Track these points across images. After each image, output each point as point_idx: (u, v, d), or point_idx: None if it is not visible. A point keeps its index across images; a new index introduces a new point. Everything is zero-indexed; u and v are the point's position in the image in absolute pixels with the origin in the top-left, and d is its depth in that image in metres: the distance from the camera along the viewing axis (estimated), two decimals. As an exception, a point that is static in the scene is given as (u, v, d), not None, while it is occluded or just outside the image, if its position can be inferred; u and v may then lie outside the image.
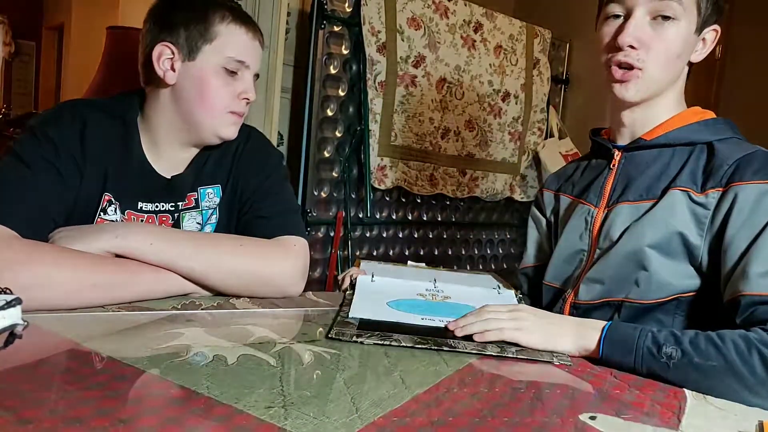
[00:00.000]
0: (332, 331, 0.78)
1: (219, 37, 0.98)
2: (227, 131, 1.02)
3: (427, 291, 1.01)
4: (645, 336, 0.75)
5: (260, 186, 1.06)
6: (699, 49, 0.92)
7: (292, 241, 1.00)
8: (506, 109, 2.84)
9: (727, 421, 0.63)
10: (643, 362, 0.74)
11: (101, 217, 0.96)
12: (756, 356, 0.69)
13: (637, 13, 0.87)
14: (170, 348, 0.67)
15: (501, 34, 2.77)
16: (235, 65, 1.00)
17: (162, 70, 0.98)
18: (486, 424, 0.55)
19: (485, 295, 1.03)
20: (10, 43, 4.30)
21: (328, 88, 2.28)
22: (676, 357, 0.73)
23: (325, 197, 2.32)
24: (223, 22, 0.98)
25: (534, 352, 0.79)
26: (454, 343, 0.78)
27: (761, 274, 0.75)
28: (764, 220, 0.78)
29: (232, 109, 1.01)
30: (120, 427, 0.47)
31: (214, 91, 0.99)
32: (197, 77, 0.98)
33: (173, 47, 0.97)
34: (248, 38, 1.01)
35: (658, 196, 0.89)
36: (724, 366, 0.70)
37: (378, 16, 2.32)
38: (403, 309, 0.91)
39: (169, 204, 1.03)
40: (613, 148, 0.98)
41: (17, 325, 0.61)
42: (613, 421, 0.59)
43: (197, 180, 1.05)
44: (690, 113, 0.94)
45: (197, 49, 0.97)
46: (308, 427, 0.50)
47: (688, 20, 0.88)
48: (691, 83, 0.98)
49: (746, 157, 0.83)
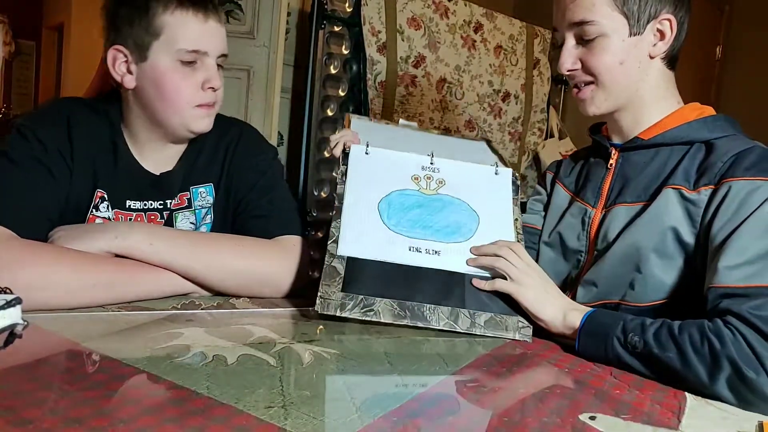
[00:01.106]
0: (318, 302, 0.81)
1: (165, 30, 0.91)
2: (198, 125, 0.98)
3: (423, 171, 0.99)
4: (617, 324, 0.77)
5: (255, 184, 1.05)
6: (656, 42, 0.91)
7: (291, 241, 0.99)
8: (506, 109, 2.84)
9: (727, 422, 0.63)
10: (612, 350, 0.76)
11: (93, 214, 0.96)
12: (707, 347, 0.69)
13: (566, 42, 0.93)
14: (170, 348, 0.67)
15: (501, 34, 2.77)
16: (191, 56, 0.93)
17: (119, 75, 0.94)
18: (486, 424, 0.55)
19: (482, 176, 1.01)
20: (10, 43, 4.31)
21: (328, 88, 2.28)
22: (639, 347, 0.74)
23: (325, 197, 2.32)
24: (167, 12, 0.91)
25: (499, 329, 0.84)
26: (429, 318, 0.83)
27: (729, 266, 0.75)
28: (744, 216, 0.77)
29: (198, 102, 0.96)
30: (120, 427, 0.47)
31: (173, 87, 0.94)
32: (153, 78, 0.93)
33: (124, 50, 0.93)
34: (199, 22, 0.93)
35: (653, 196, 0.89)
36: (679, 358, 0.71)
37: (378, 16, 2.32)
38: (393, 223, 0.91)
39: (158, 202, 1.02)
40: (611, 147, 0.98)
41: (17, 325, 0.61)
42: (613, 421, 0.59)
43: (188, 179, 1.04)
44: (688, 110, 0.93)
45: (146, 47, 0.92)
46: (308, 427, 0.50)
47: (616, 30, 0.89)
48: (691, 83, 0.98)
49: (741, 153, 0.83)
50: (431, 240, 0.91)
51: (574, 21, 0.90)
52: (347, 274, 0.85)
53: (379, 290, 0.84)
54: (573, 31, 0.92)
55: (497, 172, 1.03)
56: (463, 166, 1.02)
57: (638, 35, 0.89)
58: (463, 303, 0.85)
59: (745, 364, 0.67)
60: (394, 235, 0.90)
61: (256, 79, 2.11)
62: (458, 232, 0.93)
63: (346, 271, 0.85)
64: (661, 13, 0.89)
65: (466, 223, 0.95)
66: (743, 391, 0.67)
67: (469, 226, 0.94)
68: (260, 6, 2.10)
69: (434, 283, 0.87)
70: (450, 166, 1.01)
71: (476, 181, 1.00)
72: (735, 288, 0.73)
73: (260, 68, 2.11)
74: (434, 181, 0.99)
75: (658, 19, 0.89)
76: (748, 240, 0.76)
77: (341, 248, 0.87)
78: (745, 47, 3.33)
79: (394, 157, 1.00)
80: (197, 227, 1.05)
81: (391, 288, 0.84)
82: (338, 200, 0.93)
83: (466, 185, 0.99)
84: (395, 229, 0.91)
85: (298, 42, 2.36)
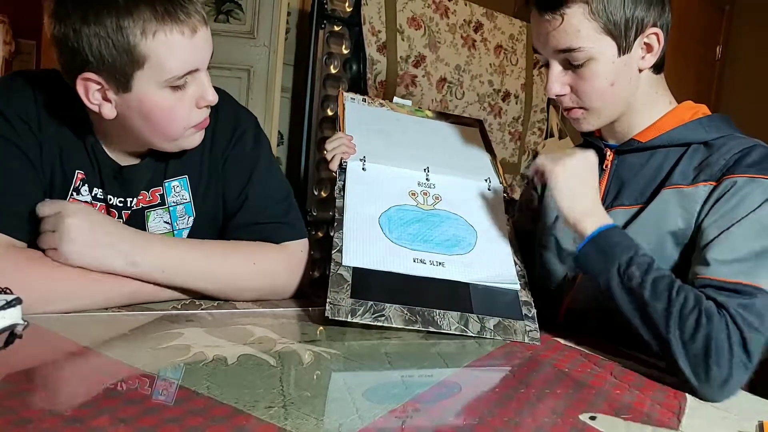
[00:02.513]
0: (327, 308, 0.80)
1: (150, 58, 0.76)
2: (192, 141, 0.89)
3: (420, 187, 1.01)
4: (628, 251, 0.78)
5: (247, 180, 0.96)
6: (645, 55, 0.88)
7: (298, 247, 0.97)
8: (506, 108, 2.84)
9: (727, 421, 0.63)
10: (607, 273, 0.78)
11: (74, 197, 0.88)
12: (694, 317, 0.71)
13: (552, 66, 0.89)
14: (170, 348, 0.67)
15: (501, 33, 2.77)
16: (182, 80, 0.80)
17: (95, 104, 0.80)
18: (486, 424, 0.55)
19: (476, 191, 1.04)
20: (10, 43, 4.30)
21: (328, 87, 2.28)
22: (634, 283, 0.75)
23: (325, 197, 2.32)
24: (146, 37, 0.75)
25: (508, 332, 0.84)
26: (440, 322, 0.82)
27: (721, 260, 0.76)
28: (742, 214, 0.78)
29: (193, 123, 0.85)
30: (120, 426, 0.47)
31: (166, 115, 0.82)
32: (140, 108, 0.80)
33: (98, 77, 0.77)
34: (186, 39, 0.78)
35: (650, 198, 0.88)
36: (663, 313, 0.73)
37: (378, 16, 2.32)
38: (395, 237, 0.92)
39: (118, 199, 0.91)
40: (605, 148, 0.97)
41: (17, 325, 0.61)
42: (613, 421, 0.59)
43: (158, 173, 0.93)
44: (683, 110, 0.93)
45: (128, 77, 0.77)
46: (308, 427, 0.50)
47: (603, 52, 0.85)
48: (691, 83, 0.98)
49: (744, 150, 0.83)
50: (434, 252, 0.92)
51: (559, 48, 0.86)
52: (355, 282, 0.84)
53: (388, 297, 0.83)
54: (559, 57, 0.88)
55: (490, 187, 1.06)
56: (457, 182, 1.04)
57: (627, 54, 0.86)
58: (471, 308, 0.85)
59: (716, 352, 0.69)
60: (397, 248, 0.90)
61: (256, 78, 2.11)
62: (458, 246, 0.94)
63: (354, 279, 0.84)
64: (647, 27, 0.86)
65: (465, 237, 0.96)
66: (698, 371, 0.69)
67: (468, 239, 0.96)
68: (260, 6, 2.10)
69: (441, 291, 0.87)
70: (445, 182, 1.03)
71: (471, 196, 1.03)
72: (724, 282, 0.74)
73: (260, 68, 2.11)
74: (431, 197, 1.00)
75: (645, 33, 0.86)
76: (743, 237, 0.76)
77: (346, 259, 0.87)
78: (745, 47, 3.32)
79: (390, 173, 1.02)
80: (172, 225, 0.96)
81: (400, 295, 0.84)
82: (338, 213, 0.94)
83: (461, 200, 1.01)
84: (398, 242, 0.91)
85: (298, 42, 2.35)
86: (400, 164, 1.03)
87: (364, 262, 0.87)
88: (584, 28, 0.84)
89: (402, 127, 1.14)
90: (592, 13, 0.83)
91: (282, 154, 2.36)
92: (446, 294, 0.87)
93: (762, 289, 0.72)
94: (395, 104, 1.20)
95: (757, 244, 0.75)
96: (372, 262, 0.87)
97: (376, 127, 1.11)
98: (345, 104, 1.13)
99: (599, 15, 0.83)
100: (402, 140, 1.10)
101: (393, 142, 1.09)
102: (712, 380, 0.68)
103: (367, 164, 1.01)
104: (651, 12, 0.85)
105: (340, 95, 1.15)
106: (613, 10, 0.83)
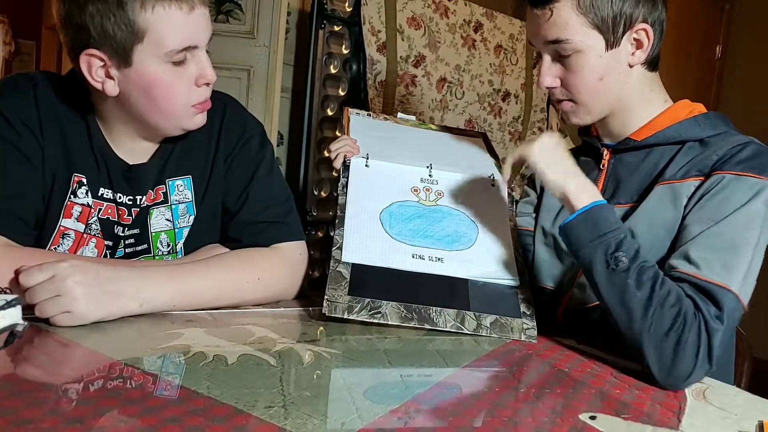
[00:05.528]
0: (325, 305, 0.80)
1: (149, 32, 0.80)
2: (194, 122, 0.90)
3: (422, 183, 1.02)
4: (618, 233, 0.78)
5: (249, 181, 0.98)
6: (635, 51, 0.89)
7: (297, 250, 0.98)
8: (506, 108, 2.84)
9: (727, 421, 0.63)
10: (593, 249, 0.78)
11: (72, 200, 0.89)
12: (673, 313, 0.72)
13: (543, 59, 0.92)
14: (170, 348, 0.67)
15: (501, 33, 2.77)
16: (181, 55, 0.83)
17: (98, 82, 0.83)
18: (486, 424, 0.55)
19: (479, 186, 1.04)
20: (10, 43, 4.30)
21: (328, 87, 2.28)
22: (620, 268, 0.76)
23: (325, 197, 2.32)
24: (146, 10, 0.78)
25: (505, 330, 0.84)
26: (436, 320, 0.83)
27: (699, 257, 0.77)
28: (725, 212, 0.78)
29: (193, 102, 0.87)
30: (120, 426, 0.47)
31: (165, 91, 0.84)
32: (140, 85, 0.83)
33: (100, 53, 0.81)
34: (184, 15, 0.81)
35: (644, 195, 0.89)
36: (643, 301, 0.74)
37: (378, 16, 2.32)
38: (395, 233, 0.92)
39: (128, 197, 0.93)
40: (602, 147, 0.98)
41: (17, 325, 0.62)
42: (613, 421, 0.59)
43: (164, 171, 0.95)
44: (679, 108, 0.93)
45: (128, 51, 0.80)
46: (308, 427, 0.50)
47: (591, 46, 0.87)
48: (691, 83, 0.98)
49: (735, 147, 0.84)
50: (433, 248, 0.92)
51: (548, 39, 0.89)
52: (353, 279, 0.85)
53: (385, 294, 0.84)
54: (549, 49, 0.91)
55: (493, 183, 1.05)
56: (460, 178, 1.04)
57: (615, 48, 0.88)
58: (468, 306, 0.86)
59: (684, 352, 0.71)
60: (397, 243, 0.91)
61: (256, 79, 2.11)
62: (458, 241, 0.95)
63: (352, 276, 0.85)
64: (636, 23, 0.87)
65: (466, 232, 0.96)
66: (664, 364, 0.71)
67: (469, 235, 0.96)
68: (260, 6, 2.10)
69: (439, 287, 0.88)
70: (448, 178, 1.04)
71: (473, 191, 1.03)
72: (697, 279, 0.75)
73: (260, 68, 2.11)
74: (433, 193, 1.01)
75: (634, 29, 0.88)
76: (722, 236, 0.77)
77: (345, 255, 0.88)
78: (745, 47, 3.32)
79: (393, 169, 1.02)
80: (174, 226, 0.97)
81: (397, 292, 0.85)
82: (340, 210, 0.95)
83: (463, 196, 1.01)
84: (398, 238, 0.92)
85: (298, 42, 2.35)
86: (403, 161, 1.04)
87: (363, 257, 0.88)
88: (572, 21, 0.86)
89: (406, 135, 1.16)
90: (579, 8, 0.86)
91: (282, 154, 2.36)
92: (444, 291, 0.87)
93: (731, 291, 0.74)
94: (399, 119, 1.21)
95: (733, 244, 0.76)
96: (371, 258, 0.88)
97: (380, 134, 1.12)
98: (350, 117, 1.14)
99: (587, 10, 0.86)
100: (406, 143, 1.11)
101: (397, 144, 1.10)
102: (675, 374, 0.71)
103: (370, 161, 1.02)
104: (640, 8, 0.87)
105: (345, 111, 1.16)
106: (601, 6, 0.85)
